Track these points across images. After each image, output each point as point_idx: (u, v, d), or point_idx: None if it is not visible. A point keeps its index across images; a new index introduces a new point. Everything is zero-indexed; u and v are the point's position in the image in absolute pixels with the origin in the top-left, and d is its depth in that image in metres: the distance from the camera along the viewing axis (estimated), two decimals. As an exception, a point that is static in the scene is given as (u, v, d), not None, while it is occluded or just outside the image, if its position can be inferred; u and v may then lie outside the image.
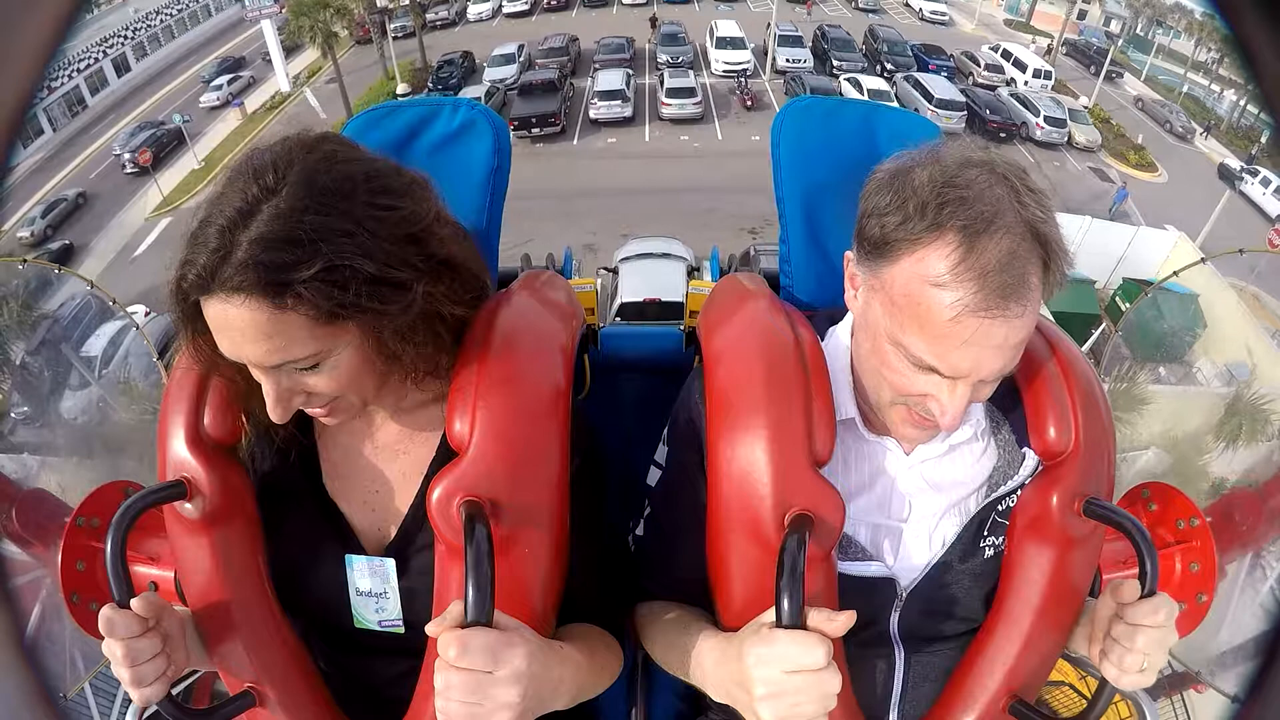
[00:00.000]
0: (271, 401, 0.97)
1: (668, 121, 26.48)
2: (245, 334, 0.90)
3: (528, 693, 0.90)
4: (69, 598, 1.38)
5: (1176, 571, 1.36)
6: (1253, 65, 0.56)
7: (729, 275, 1.32)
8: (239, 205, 0.89)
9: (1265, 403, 5.75)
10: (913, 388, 1.00)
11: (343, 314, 0.92)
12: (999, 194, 0.92)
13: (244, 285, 0.87)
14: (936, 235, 0.92)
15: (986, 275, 0.89)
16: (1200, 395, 7.77)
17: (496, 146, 1.34)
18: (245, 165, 0.93)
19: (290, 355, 0.93)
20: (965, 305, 0.90)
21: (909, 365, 0.98)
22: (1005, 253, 0.90)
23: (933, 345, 0.94)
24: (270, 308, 0.89)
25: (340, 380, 0.98)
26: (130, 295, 17.30)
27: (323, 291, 0.89)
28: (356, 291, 0.91)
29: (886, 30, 32.75)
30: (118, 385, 5.24)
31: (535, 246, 4.11)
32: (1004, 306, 0.90)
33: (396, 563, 1.11)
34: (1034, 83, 29.90)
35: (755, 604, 1.01)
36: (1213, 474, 4.87)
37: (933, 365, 0.95)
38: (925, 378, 0.98)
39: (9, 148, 0.55)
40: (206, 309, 0.92)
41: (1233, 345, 8.97)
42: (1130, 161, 26.42)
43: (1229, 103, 30.53)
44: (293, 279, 0.88)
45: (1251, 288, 11.88)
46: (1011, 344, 0.93)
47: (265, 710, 1.09)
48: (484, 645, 0.87)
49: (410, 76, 30.57)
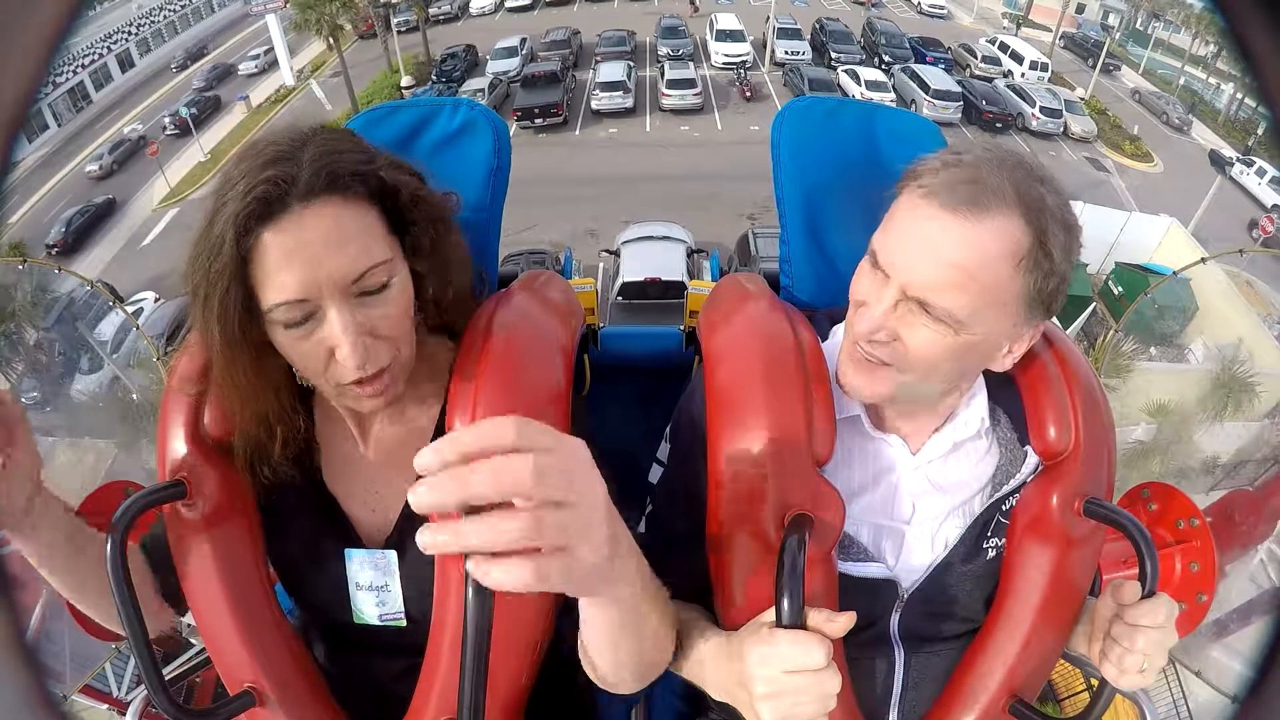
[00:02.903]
0: (351, 338, 0.92)
1: (668, 112, 26.69)
2: (330, 242, 0.90)
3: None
4: (69, 598, 1.38)
5: (1176, 571, 1.36)
6: (1251, 62, 0.56)
7: (729, 275, 1.31)
8: (282, 149, 0.92)
9: (1250, 376, 5.81)
10: (857, 293, 1.02)
11: (406, 216, 0.99)
12: (988, 158, 0.96)
13: (329, 184, 0.90)
14: (924, 171, 0.97)
15: (957, 182, 0.93)
16: (1190, 373, 7.86)
17: (496, 146, 1.33)
18: (263, 137, 0.97)
19: (374, 256, 0.94)
20: (929, 190, 0.94)
21: (867, 262, 1.02)
22: (983, 175, 0.93)
23: (886, 232, 0.99)
24: (355, 202, 0.93)
25: (402, 309, 0.99)
26: (138, 284, 17.62)
27: (400, 179, 0.97)
28: (410, 195, 0.99)
29: (884, 23, 32.84)
30: (130, 364, 5.30)
31: (538, 233, 4.14)
32: (959, 210, 0.92)
33: (396, 554, 1.11)
34: (1030, 75, 29.98)
35: (755, 603, 1.01)
36: (1199, 443, 4.93)
37: (874, 250, 0.99)
38: (868, 281, 1.00)
39: (11, 143, 0.55)
40: (273, 238, 0.89)
41: (1223, 328, 9.05)
42: (1126, 152, 26.50)
43: (1227, 96, 30.51)
44: (373, 169, 0.95)
45: (1245, 274, 11.93)
46: (954, 260, 0.92)
47: (265, 710, 1.09)
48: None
49: (414, 69, 30.63)
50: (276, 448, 1.07)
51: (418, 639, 1.08)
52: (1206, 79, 32.05)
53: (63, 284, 4.92)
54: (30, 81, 0.52)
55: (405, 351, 1.01)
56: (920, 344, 0.97)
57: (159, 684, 1.00)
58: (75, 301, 5.24)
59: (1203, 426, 5.02)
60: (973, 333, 0.96)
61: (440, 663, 1.04)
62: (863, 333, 0.99)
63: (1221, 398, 5.28)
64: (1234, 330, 8.67)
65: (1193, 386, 5.78)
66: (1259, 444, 4.60)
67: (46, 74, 0.54)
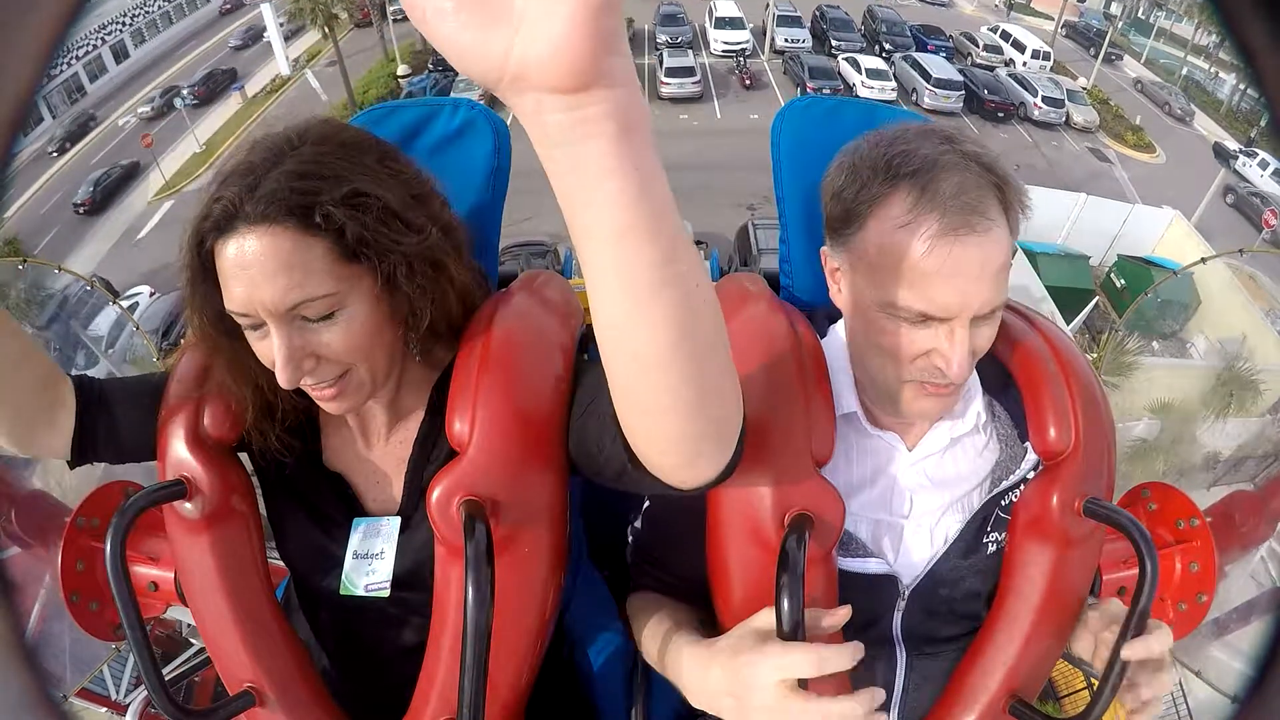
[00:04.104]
0: (282, 360, 0.94)
1: (667, 100, 26.43)
2: (265, 268, 0.91)
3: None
4: (69, 598, 1.39)
5: (1176, 571, 1.36)
6: (1250, 56, 0.56)
7: (729, 275, 1.31)
8: (263, 156, 0.94)
9: (1254, 374, 5.81)
10: (912, 347, 1.00)
11: (363, 249, 0.94)
12: (936, 142, 1.00)
13: (269, 213, 0.90)
14: (892, 188, 0.98)
15: (945, 203, 0.95)
16: (1193, 368, 7.84)
17: (496, 146, 1.33)
18: (264, 133, 0.99)
19: (308, 291, 0.92)
20: (933, 233, 0.94)
21: (902, 324, 1.00)
22: (957, 183, 0.95)
23: (916, 287, 0.96)
24: (294, 234, 0.91)
25: (352, 339, 0.97)
26: (134, 278, 17.55)
27: (348, 215, 0.93)
28: (378, 218, 0.95)
29: (885, 11, 32.58)
30: (126, 359, 5.26)
31: (536, 224, 4.13)
32: (970, 225, 0.94)
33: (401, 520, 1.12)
34: (1032, 64, 29.85)
35: (755, 603, 1.02)
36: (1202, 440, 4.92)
37: (923, 310, 0.97)
38: (921, 332, 0.99)
39: (13, 137, 0.54)
40: (224, 252, 0.92)
41: (1226, 323, 9.02)
42: (1128, 142, 26.41)
43: (1229, 86, 30.43)
44: (319, 201, 0.92)
45: (1247, 268, 11.90)
46: (991, 269, 0.95)
47: (265, 710, 1.09)
48: None
49: (410, 58, 30.38)
50: (260, 415, 1.10)
51: (410, 615, 1.09)
52: (1209, 69, 31.95)
53: (58, 281, 4.89)
54: (31, 80, 0.52)
55: (365, 369, 1.01)
56: (986, 339, 1.01)
57: (159, 684, 1.00)
58: (69, 299, 5.22)
59: (1206, 424, 5.01)
60: (1004, 303, 1.01)
61: (440, 662, 1.04)
62: (956, 375, 0.99)
63: (1225, 395, 5.27)
64: (1236, 325, 8.64)
65: (1196, 383, 5.77)
66: (1261, 440, 4.59)
67: (46, 72, 0.54)
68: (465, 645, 0.88)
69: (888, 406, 1.09)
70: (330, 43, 28.73)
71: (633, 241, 0.56)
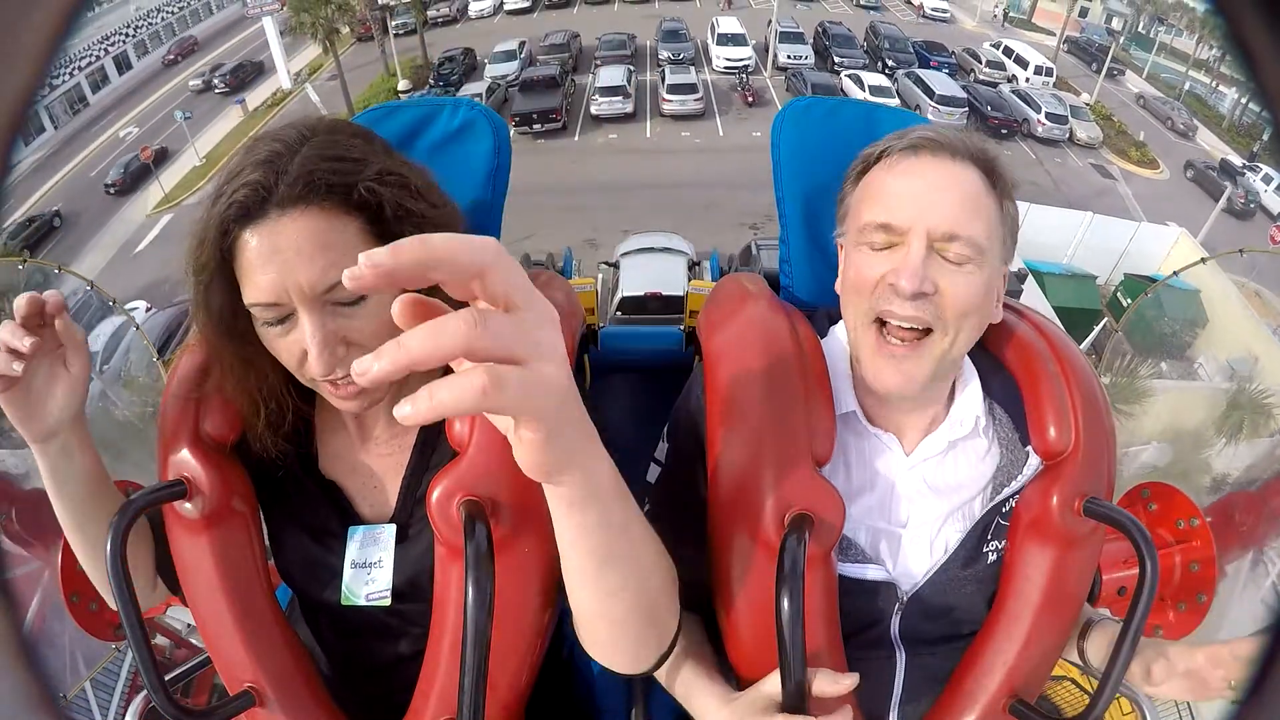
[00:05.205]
0: (317, 346, 0.93)
1: (669, 117, 26.49)
2: (301, 251, 0.90)
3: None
4: (69, 598, 1.39)
5: (1176, 571, 1.36)
6: (1252, 65, 0.56)
7: (729, 275, 1.32)
8: (283, 146, 0.93)
9: (1266, 397, 5.74)
10: (873, 272, 1.03)
11: (401, 225, 0.95)
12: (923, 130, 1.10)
13: (305, 194, 0.90)
14: (884, 152, 1.09)
15: (916, 137, 1.06)
16: (1202, 390, 7.77)
17: (496, 146, 1.33)
18: (266, 132, 0.98)
19: None
20: (900, 151, 1.06)
21: (868, 247, 1.04)
22: (932, 130, 1.07)
23: (880, 202, 1.04)
24: (331, 214, 0.92)
25: (384, 323, 0.96)
26: (131, 291, 17.36)
27: (383, 193, 0.94)
28: (411, 194, 0.97)
29: (888, 27, 32.74)
30: (120, 380, 5.23)
31: (536, 242, 4.12)
32: (933, 146, 1.04)
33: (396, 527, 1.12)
34: (1035, 80, 29.88)
35: (755, 604, 1.02)
36: (1215, 468, 4.87)
37: (883, 221, 1.02)
38: (884, 256, 1.02)
39: (11, 146, 0.55)
40: (251, 239, 0.91)
41: (1235, 341, 8.97)
42: (1131, 158, 26.39)
43: (1230, 100, 30.48)
44: (360, 178, 0.93)
45: (1252, 284, 11.87)
46: (954, 193, 1.01)
47: (265, 710, 1.09)
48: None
49: (411, 73, 30.56)
50: (262, 423, 1.09)
51: (409, 626, 1.09)
52: (1210, 83, 32.02)
53: (63, 286, 4.87)
54: (30, 83, 0.52)
55: None
56: (959, 288, 1.01)
57: (159, 684, 1.00)
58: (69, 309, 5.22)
59: (1217, 448, 4.97)
60: (990, 263, 1.03)
61: (440, 663, 1.04)
62: (908, 288, 0.98)
63: (1237, 419, 5.22)
64: (1244, 345, 8.59)
65: (1205, 407, 5.70)
66: (1271, 460, 4.57)
67: (46, 75, 0.54)
68: (465, 645, 0.88)
69: (868, 385, 1.09)
70: (331, 57, 28.95)
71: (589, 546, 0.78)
